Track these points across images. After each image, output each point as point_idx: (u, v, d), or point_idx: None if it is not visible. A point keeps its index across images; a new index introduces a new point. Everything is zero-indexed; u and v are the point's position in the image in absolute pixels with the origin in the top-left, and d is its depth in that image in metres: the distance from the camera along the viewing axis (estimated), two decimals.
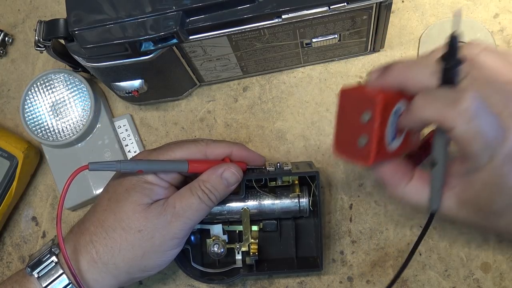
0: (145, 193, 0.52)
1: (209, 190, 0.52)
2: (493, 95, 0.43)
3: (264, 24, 0.52)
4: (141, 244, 0.51)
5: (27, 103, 0.62)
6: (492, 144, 0.43)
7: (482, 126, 0.42)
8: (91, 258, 0.51)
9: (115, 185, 0.54)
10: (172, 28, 0.50)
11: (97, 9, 0.51)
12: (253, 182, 0.57)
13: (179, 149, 0.53)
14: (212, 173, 0.53)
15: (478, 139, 0.42)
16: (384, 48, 0.62)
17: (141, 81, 0.57)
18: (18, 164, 0.62)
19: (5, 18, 0.69)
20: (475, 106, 0.41)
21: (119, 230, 0.51)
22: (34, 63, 0.68)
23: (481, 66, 0.45)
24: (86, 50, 0.52)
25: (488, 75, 0.44)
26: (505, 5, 0.62)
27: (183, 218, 0.51)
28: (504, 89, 0.44)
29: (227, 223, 0.59)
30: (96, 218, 0.52)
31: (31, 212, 0.66)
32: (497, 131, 0.43)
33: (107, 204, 0.53)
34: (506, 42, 0.61)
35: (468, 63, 0.44)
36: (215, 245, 0.57)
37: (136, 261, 0.52)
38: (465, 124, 0.42)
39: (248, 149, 0.56)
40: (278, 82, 0.64)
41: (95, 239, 0.51)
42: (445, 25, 0.62)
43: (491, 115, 0.43)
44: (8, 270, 0.65)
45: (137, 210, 0.51)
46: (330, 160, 0.62)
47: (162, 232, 0.51)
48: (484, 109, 0.42)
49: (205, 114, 0.65)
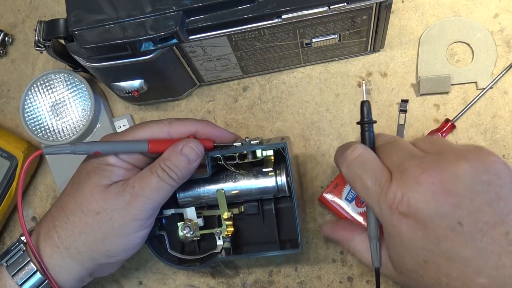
0: (105, 174, 0.51)
1: (168, 168, 0.50)
2: (392, 156, 0.46)
3: (264, 24, 0.52)
4: (100, 227, 0.50)
5: (27, 103, 0.62)
6: (371, 191, 0.45)
7: (359, 172, 0.46)
8: (54, 243, 0.51)
9: (79, 170, 0.53)
10: (172, 28, 0.50)
11: (97, 9, 0.51)
12: (222, 160, 0.55)
13: (141, 130, 0.52)
14: (172, 150, 0.51)
15: (357, 183, 0.47)
16: (384, 48, 0.62)
17: (141, 81, 0.57)
18: (18, 164, 0.62)
19: (5, 18, 0.69)
20: (357, 154, 0.47)
21: (78, 213, 0.50)
22: (34, 63, 0.68)
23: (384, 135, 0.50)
24: (86, 50, 0.52)
25: (403, 144, 0.48)
26: (505, 5, 0.62)
27: (142, 198, 0.50)
28: (405, 151, 0.46)
29: (205, 207, 0.57)
30: (60, 204, 0.52)
31: (31, 212, 0.66)
32: (377, 180, 0.45)
33: (70, 188, 0.52)
34: (506, 42, 0.61)
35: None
36: (186, 227, 0.55)
37: (98, 245, 0.50)
38: (345, 167, 0.48)
39: (215, 126, 0.55)
40: (278, 82, 0.64)
41: (57, 224, 0.51)
42: (445, 25, 0.62)
43: (375, 165, 0.46)
44: None
45: (95, 192, 0.50)
46: (330, 160, 0.62)
47: (121, 213, 0.50)
48: (369, 159, 0.47)
49: (205, 114, 0.65)
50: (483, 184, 0.42)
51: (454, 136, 0.60)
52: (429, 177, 0.43)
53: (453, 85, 0.61)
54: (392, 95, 0.62)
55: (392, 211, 0.44)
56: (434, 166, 0.43)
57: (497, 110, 0.60)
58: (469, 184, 0.42)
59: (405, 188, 0.43)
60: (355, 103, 0.63)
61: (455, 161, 0.43)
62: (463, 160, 0.43)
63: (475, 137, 0.60)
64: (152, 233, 0.55)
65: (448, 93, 0.61)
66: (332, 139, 0.62)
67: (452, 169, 0.43)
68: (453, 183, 0.42)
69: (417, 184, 0.43)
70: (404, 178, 0.44)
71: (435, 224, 0.42)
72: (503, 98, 0.61)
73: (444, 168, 0.43)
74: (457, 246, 0.42)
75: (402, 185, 0.44)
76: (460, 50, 0.62)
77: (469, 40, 0.62)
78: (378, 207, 0.45)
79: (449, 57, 0.62)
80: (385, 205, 0.44)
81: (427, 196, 0.42)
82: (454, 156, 0.44)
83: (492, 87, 0.60)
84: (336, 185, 0.58)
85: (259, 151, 0.55)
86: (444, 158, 0.44)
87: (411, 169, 0.44)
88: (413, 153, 0.46)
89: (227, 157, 0.55)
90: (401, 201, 0.43)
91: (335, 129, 0.63)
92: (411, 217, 0.43)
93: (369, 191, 0.45)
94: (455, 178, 0.42)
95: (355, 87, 0.63)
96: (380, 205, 0.45)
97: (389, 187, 0.44)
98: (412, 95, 0.62)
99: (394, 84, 0.62)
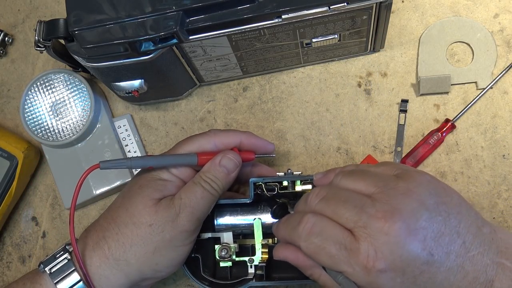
0: (157, 188, 0.52)
1: (210, 179, 0.52)
2: (344, 213, 0.44)
3: (264, 24, 0.52)
4: (152, 239, 0.51)
5: (27, 103, 0.62)
6: (339, 258, 0.43)
7: (320, 243, 0.44)
8: (103, 253, 0.51)
9: (131, 183, 0.54)
10: (172, 28, 0.50)
11: (97, 9, 0.51)
12: (263, 189, 0.56)
13: (188, 144, 0.54)
14: (211, 163, 0.53)
15: (320, 255, 0.44)
16: (384, 48, 0.62)
17: (141, 81, 0.57)
18: (18, 164, 0.62)
19: (5, 18, 0.69)
20: (311, 225, 0.45)
21: (130, 225, 0.51)
22: (34, 63, 0.68)
23: (337, 186, 0.48)
24: (86, 50, 0.52)
25: (343, 195, 0.46)
26: (505, 5, 0.62)
27: (189, 208, 0.51)
28: (351, 203, 0.45)
29: (240, 236, 0.58)
30: (110, 215, 0.53)
31: (31, 212, 0.66)
32: (341, 244, 0.43)
33: (121, 201, 0.53)
34: (506, 42, 0.61)
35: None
36: (224, 249, 0.56)
37: (148, 258, 0.51)
38: (303, 242, 0.45)
39: (256, 136, 0.57)
40: (278, 82, 0.64)
41: (108, 235, 0.52)
42: (445, 25, 0.62)
43: (332, 229, 0.44)
44: (8, 270, 0.65)
45: (147, 205, 0.51)
46: (330, 160, 0.62)
47: (172, 225, 0.51)
48: (324, 226, 0.44)
49: (205, 114, 0.65)
50: (434, 208, 0.43)
51: (454, 136, 0.60)
52: (394, 224, 0.42)
53: (453, 85, 0.61)
54: (392, 95, 0.62)
55: (368, 271, 0.43)
56: (389, 209, 0.43)
57: (497, 110, 0.60)
58: (427, 215, 0.43)
59: (375, 243, 0.42)
60: (355, 103, 0.63)
61: (405, 197, 0.43)
62: (410, 192, 0.44)
63: (475, 137, 0.60)
64: (189, 254, 0.56)
65: (448, 93, 0.61)
66: (332, 139, 0.62)
67: (407, 206, 0.43)
68: (415, 219, 0.42)
69: (386, 235, 0.42)
70: (370, 233, 0.43)
71: (412, 265, 0.42)
72: (503, 98, 0.61)
73: (400, 209, 0.43)
74: (432, 276, 0.43)
75: (371, 241, 0.42)
76: (460, 50, 0.62)
77: (469, 40, 0.62)
78: (351, 269, 0.43)
79: (449, 57, 0.62)
80: (358, 266, 0.43)
81: (399, 242, 0.42)
82: (399, 191, 0.44)
83: (492, 87, 0.60)
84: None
85: (299, 184, 0.55)
86: (391, 196, 0.44)
87: (371, 221, 0.43)
88: (360, 202, 0.44)
89: (267, 188, 0.56)
90: (376, 258, 0.42)
91: (335, 129, 0.63)
92: (389, 270, 0.42)
93: (337, 258, 0.44)
94: (414, 214, 0.43)
95: (355, 87, 0.63)
96: (353, 267, 0.43)
97: (358, 248, 0.43)
98: (412, 95, 0.62)
99: (394, 84, 0.62)
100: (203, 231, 0.56)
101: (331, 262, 0.44)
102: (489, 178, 0.60)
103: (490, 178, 0.60)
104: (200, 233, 0.55)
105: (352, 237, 0.43)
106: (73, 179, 0.54)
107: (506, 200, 0.59)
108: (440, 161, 0.61)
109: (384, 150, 0.62)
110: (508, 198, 0.59)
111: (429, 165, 0.61)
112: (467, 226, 0.44)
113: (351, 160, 0.62)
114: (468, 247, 0.43)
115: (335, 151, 0.62)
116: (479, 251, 0.44)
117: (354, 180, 0.46)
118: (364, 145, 0.62)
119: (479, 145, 0.60)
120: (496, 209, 0.59)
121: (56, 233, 0.65)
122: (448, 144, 0.61)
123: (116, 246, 0.51)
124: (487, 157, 0.60)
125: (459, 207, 0.45)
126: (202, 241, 0.57)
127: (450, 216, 0.44)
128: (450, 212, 0.44)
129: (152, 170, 0.53)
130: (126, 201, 0.53)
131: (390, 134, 0.62)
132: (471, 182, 0.60)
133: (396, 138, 0.61)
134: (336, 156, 0.62)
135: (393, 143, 0.61)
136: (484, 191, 0.60)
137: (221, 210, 0.56)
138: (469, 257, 0.43)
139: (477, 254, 0.44)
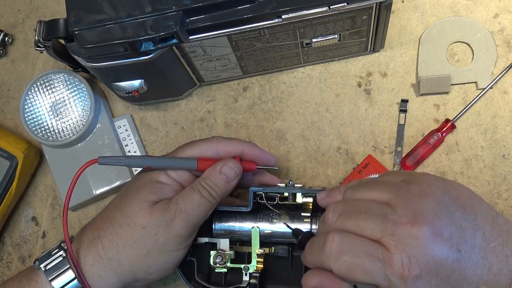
0: (154, 191, 0.52)
1: (209, 186, 0.52)
2: (368, 224, 0.43)
3: (264, 24, 0.52)
4: (145, 242, 0.51)
5: (27, 103, 0.62)
6: (375, 271, 0.42)
7: (352, 260, 0.42)
8: (97, 252, 0.52)
9: (128, 184, 0.55)
10: (172, 28, 0.50)
11: (97, 9, 0.51)
12: (263, 198, 0.55)
13: (190, 149, 0.54)
14: (211, 170, 0.53)
15: (354, 272, 0.42)
16: (384, 48, 0.62)
17: (141, 81, 0.57)
18: (18, 164, 0.62)
19: (5, 18, 0.69)
20: (338, 243, 0.43)
21: (124, 226, 0.51)
22: (34, 63, 0.68)
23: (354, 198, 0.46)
24: (86, 50, 0.52)
25: (361, 206, 0.45)
26: (505, 5, 0.62)
27: (185, 214, 0.51)
28: (372, 215, 0.44)
29: (237, 243, 0.58)
30: (106, 215, 0.53)
31: (31, 212, 0.66)
32: (373, 257, 0.42)
33: (117, 201, 0.54)
34: (506, 42, 0.61)
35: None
36: (219, 256, 0.56)
37: (140, 260, 0.52)
38: (334, 262, 0.43)
39: (258, 148, 0.56)
40: (278, 82, 0.64)
41: (102, 234, 0.52)
42: (445, 25, 0.62)
43: (361, 243, 0.43)
44: (8, 270, 0.65)
45: (142, 207, 0.51)
46: (330, 160, 0.62)
47: (166, 229, 0.51)
48: (352, 241, 0.43)
49: (205, 114, 0.65)
50: (451, 205, 0.43)
51: (454, 136, 0.60)
52: (420, 227, 0.42)
53: (453, 85, 0.61)
54: (392, 95, 0.62)
55: (405, 279, 0.42)
56: (412, 213, 0.43)
57: (497, 110, 0.60)
58: (447, 212, 0.43)
59: (407, 249, 0.42)
60: (355, 103, 0.63)
61: (421, 198, 0.43)
62: (424, 193, 0.44)
63: (475, 137, 0.60)
64: (184, 258, 0.56)
65: (448, 93, 0.61)
66: (332, 139, 0.62)
67: (427, 207, 0.43)
68: (438, 219, 0.42)
69: (416, 239, 0.42)
70: (399, 240, 0.42)
71: (445, 265, 0.42)
72: (503, 98, 0.61)
73: (421, 210, 0.43)
74: (462, 273, 0.42)
75: (402, 248, 0.42)
76: (460, 50, 0.62)
77: (469, 40, 0.62)
78: (387, 281, 0.42)
79: (449, 57, 0.62)
80: (395, 276, 0.42)
81: (429, 244, 0.42)
82: (414, 194, 0.44)
83: (492, 87, 0.60)
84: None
85: (300, 196, 0.55)
86: (409, 200, 0.43)
87: (398, 228, 0.42)
88: (381, 211, 0.44)
89: (268, 197, 0.56)
90: (411, 265, 0.41)
91: (335, 129, 0.63)
92: (424, 274, 0.42)
93: (373, 272, 0.42)
94: (436, 214, 0.43)
95: (355, 87, 0.63)
96: (390, 278, 0.42)
97: (391, 257, 0.42)
98: (412, 95, 0.62)
99: (394, 84, 0.62)
100: (200, 235, 0.56)
101: (367, 278, 0.43)
102: (489, 178, 0.60)
103: (490, 178, 0.60)
104: (197, 237, 0.55)
105: (382, 248, 0.42)
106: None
107: (506, 200, 0.59)
108: (440, 161, 0.61)
109: (384, 150, 0.62)
110: (508, 198, 0.59)
111: (429, 165, 0.61)
112: (483, 218, 0.44)
113: (351, 160, 0.62)
114: (488, 238, 0.43)
115: (335, 151, 0.62)
116: (499, 242, 0.44)
117: (366, 190, 0.46)
118: (364, 145, 0.62)
119: (479, 145, 0.60)
120: (496, 209, 0.59)
121: (56, 233, 0.65)
122: (448, 144, 0.61)
123: (110, 246, 0.51)
124: (487, 157, 0.60)
125: (471, 200, 0.45)
126: (199, 245, 0.57)
127: (466, 210, 0.44)
128: (465, 206, 0.44)
129: (150, 172, 0.53)
130: (123, 201, 0.53)
131: (390, 134, 0.62)
132: (471, 182, 0.60)
133: (396, 138, 0.61)
134: (336, 156, 0.62)
135: (393, 143, 0.61)
136: (484, 191, 0.60)
137: (220, 216, 0.56)
138: (490, 248, 0.43)
139: (497, 245, 0.43)
